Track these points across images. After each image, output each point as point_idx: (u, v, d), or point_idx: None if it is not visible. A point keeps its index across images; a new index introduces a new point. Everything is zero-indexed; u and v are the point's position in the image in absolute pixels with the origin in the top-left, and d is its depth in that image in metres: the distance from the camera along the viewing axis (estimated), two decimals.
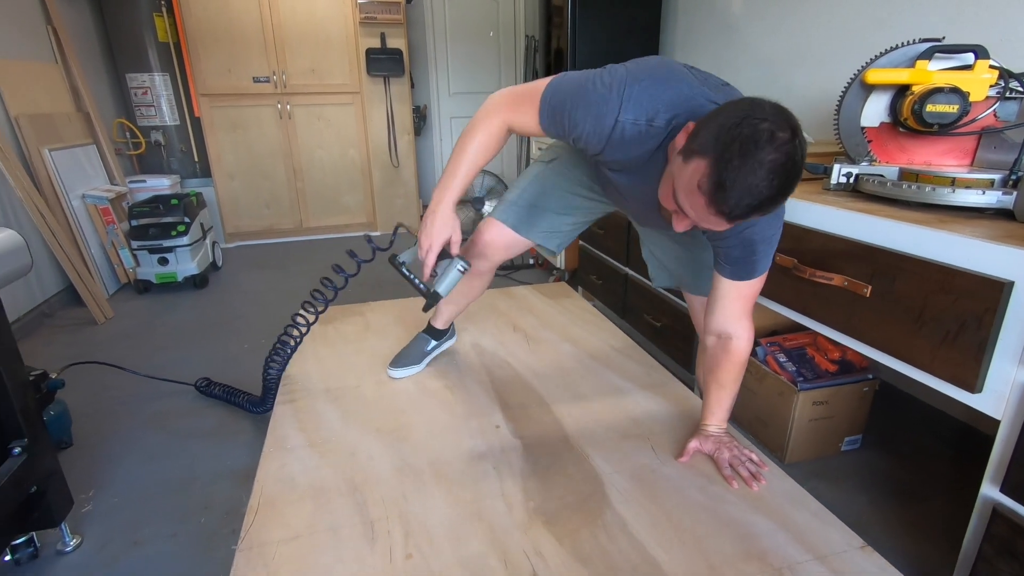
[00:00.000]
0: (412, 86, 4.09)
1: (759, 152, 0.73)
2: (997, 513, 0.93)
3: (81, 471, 1.56)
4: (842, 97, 1.29)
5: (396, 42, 3.84)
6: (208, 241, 3.31)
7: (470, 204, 3.94)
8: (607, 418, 1.30)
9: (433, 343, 1.54)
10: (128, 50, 3.51)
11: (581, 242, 2.56)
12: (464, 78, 4.50)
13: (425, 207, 4.53)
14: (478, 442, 1.23)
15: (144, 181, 3.40)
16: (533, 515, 1.00)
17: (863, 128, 1.29)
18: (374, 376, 1.52)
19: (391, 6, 3.71)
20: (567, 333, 1.77)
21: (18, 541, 1.25)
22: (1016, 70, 1.12)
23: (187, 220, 3.02)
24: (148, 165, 3.67)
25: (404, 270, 1.20)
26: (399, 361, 1.51)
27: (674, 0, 2.73)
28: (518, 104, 1.02)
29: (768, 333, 1.68)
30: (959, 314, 0.95)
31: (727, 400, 1.16)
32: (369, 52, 3.79)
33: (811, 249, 1.25)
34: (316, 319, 1.53)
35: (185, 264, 3.02)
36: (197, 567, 1.25)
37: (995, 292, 0.89)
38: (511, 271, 3.29)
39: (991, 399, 0.93)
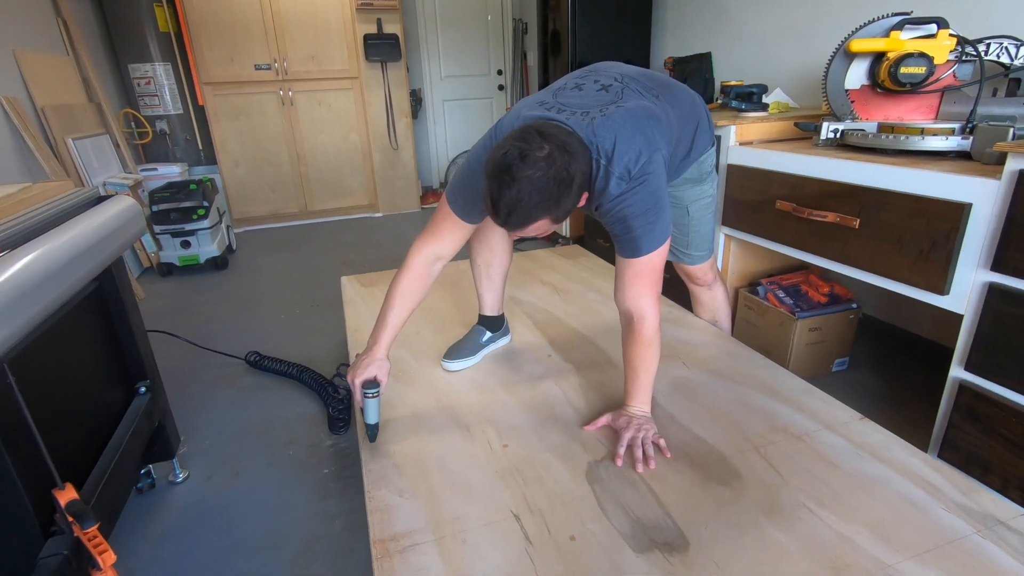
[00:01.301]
0: (407, 70, 4.23)
1: (512, 172, 0.91)
2: (963, 387, 1.19)
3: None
4: (828, 65, 1.53)
5: (392, 27, 3.97)
6: (224, 225, 3.43)
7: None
8: None
9: (488, 334, 1.52)
10: (129, 41, 3.57)
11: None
12: (455, 62, 4.65)
13: (424, 189, 4.70)
14: (536, 367, 1.44)
15: (156, 169, 3.49)
16: (598, 416, 1.22)
17: (847, 90, 1.53)
18: (430, 323, 1.71)
19: None
20: (591, 284, 1.99)
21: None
22: (971, 37, 1.36)
23: (206, 204, 3.14)
24: (154, 154, 3.75)
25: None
26: (453, 353, 1.47)
27: None
28: (429, 229, 1.21)
29: (766, 275, 1.93)
30: (931, 234, 1.20)
31: (643, 383, 1.15)
32: (367, 38, 3.92)
33: (807, 194, 1.49)
34: None
35: (206, 246, 3.15)
36: (295, 489, 1.45)
37: (958, 213, 1.14)
38: (518, 242, 3.49)
39: (956, 299, 1.19)
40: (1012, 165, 1.05)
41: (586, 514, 0.96)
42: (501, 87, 4.84)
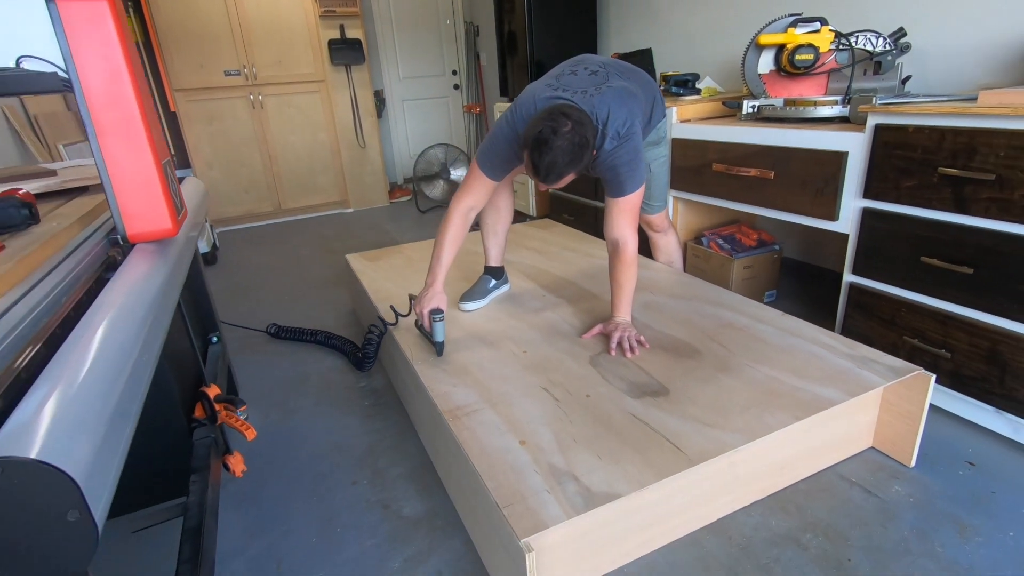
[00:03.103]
0: (370, 72, 4.48)
1: (549, 143, 1.29)
2: (852, 286, 1.63)
3: None
4: (745, 55, 1.95)
5: (354, 32, 4.22)
6: (207, 223, 3.59)
7: (439, 176, 4.42)
8: None
9: (493, 281, 1.86)
10: None
11: (549, 189, 3.15)
12: (413, 64, 4.93)
13: (391, 184, 4.96)
14: (536, 303, 1.79)
15: None
16: (592, 328, 1.58)
17: (760, 75, 1.96)
18: None
19: None
20: (565, 246, 2.36)
21: None
22: (845, 32, 1.81)
23: None
24: None
25: (422, 331, 1.59)
26: (467, 297, 1.80)
27: None
28: (465, 186, 1.59)
29: (708, 229, 2.36)
30: (823, 176, 1.63)
31: (626, 296, 1.50)
32: (331, 43, 4.15)
33: (734, 156, 1.91)
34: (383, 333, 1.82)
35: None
36: (344, 417, 1.73)
37: (839, 159, 1.58)
38: None
39: (844, 223, 1.62)
40: (871, 121, 1.49)
41: (594, 383, 1.32)
42: (456, 86, 5.16)
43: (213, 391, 1.15)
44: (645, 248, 2.10)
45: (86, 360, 0.46)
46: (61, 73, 0.83)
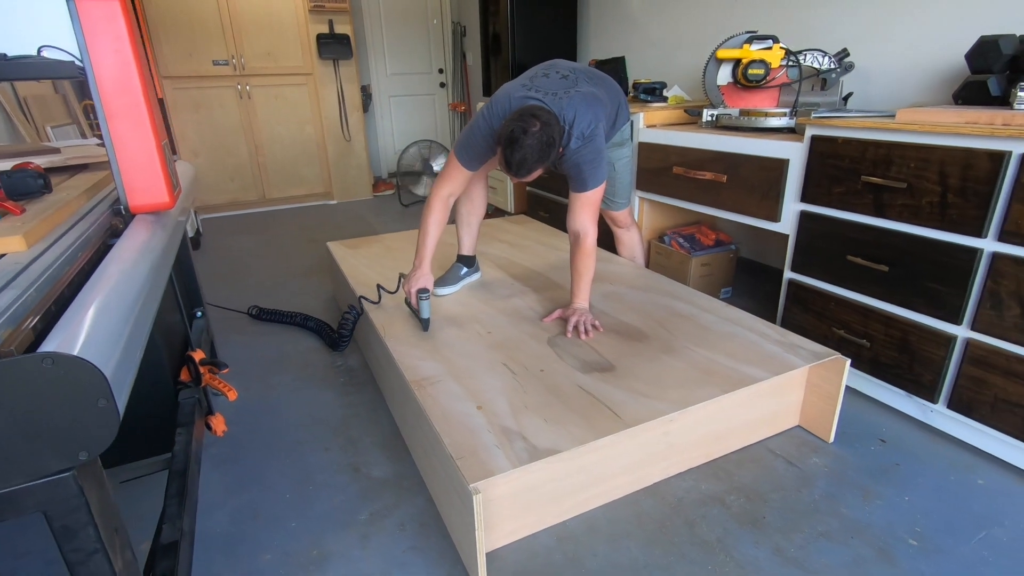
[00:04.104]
0: (358, 68, 4.57)
1: (519, 142, 1.44)
2: (791, 282, 1.79)
3: None
4: (706, 67, 2.11)
5: (343, 28, 4.31)
6: (192, 209, 3.66)
7: (423, 173, 4.53)
8: None
9: (465, 269, 1.99)
10: None
11: (529, 188, 3.29)
12: (400, 61, 5.03)
13: (376, 178, 5.07)
14: (504, 290, 1.93)
15: None
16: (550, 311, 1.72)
17: (719, 86, 2.11)
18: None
19: None
20: (538, 240, 2.50)
21: None
22: (795, 49, 1.97)
23: None
24: None
25: (410, 307, 1.75)
26: (440, 283, 1.91)
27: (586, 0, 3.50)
28: (444, 176, 1.73)
29: (671, 228, 2.51)
30: (768, 181, 1.79)
31: (585, 283, 1.64)
32: (319, 37, 4.24)
33: (693, 160, 2.06)
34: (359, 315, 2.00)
35: None
36: (321, 392, 1.84)
37: (782, 165, 1.73)
38: None
39: (785, 224, 1.78)
40: (808, 132, 1.65)
41: (549, 360, 1.46)
42: (442, 84, 5.27)
43: (198, 355, 1.26)
44: (610, 243, 2.25)
45: (109, 294, 0.58)
46: (77, 62, 0.94)
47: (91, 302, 0.55)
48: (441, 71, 5.23)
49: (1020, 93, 1.29)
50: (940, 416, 1.51)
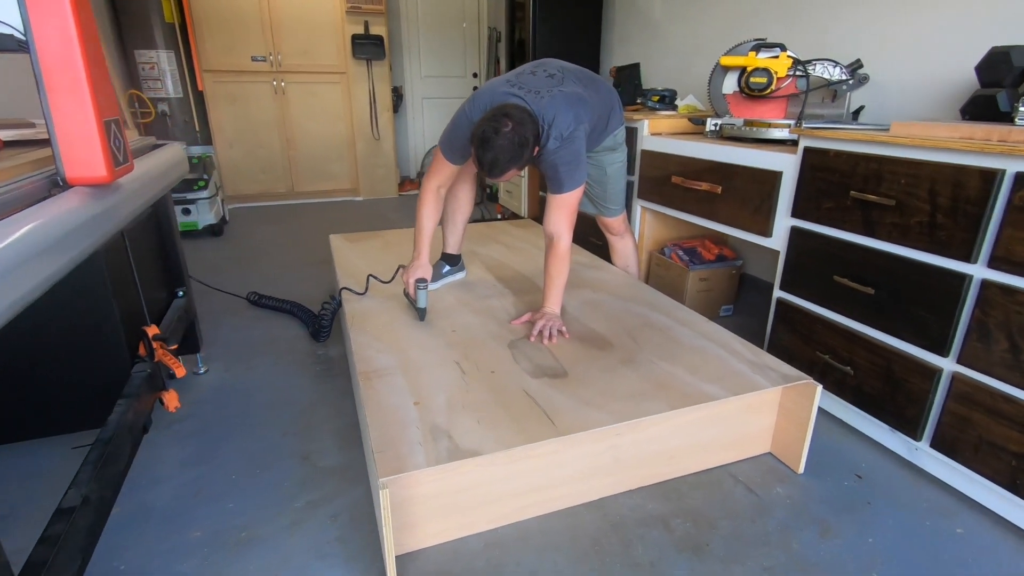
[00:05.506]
0: (391, 69, 4.67)
1: (490, 142, 1.42)
2: (780, 302, 1.69)
3: None
4: (711, 75, 2.03)
5: (378, 29, 4.41)
6: (219, 198, 3.81)
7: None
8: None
9: (447, 267, 1.98)
10: (136, 29, 3.93)
11: (542, 192, 3.26)
12: (434, 63, 5.11)
13: (403, 177, 5.15)
14: (485, 291, 1.90)
15: None
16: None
17: (724, 95, 2.03)
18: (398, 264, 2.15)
19: None
20: (537, 244, 2.47)
21: None
22: (804, 58, 1.88)
23: (206, 177, 3.53)
24: (155, 132, 4.10)
25: (408, 297, 1.76)
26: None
27: (611, 5, 3.45)
28: (432, 169, 1.74)
29: (674, 240, 2.43)
30: (760, 194, 1.70)
31: (556, 289, 1.62)
32: (354, 38, 4.35)
33: (691, 170, 1.99)
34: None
35: (204, 215, 3.53)
36: (296, 377, 1.87)
37: (774, 178, 1.65)
38: (479, 222, 3.95)
39: (776, 240, 1.69)
40: (802, 144, 1.56)
41: (503, 362, 1.42)
42: (476, 88, 5.31)
43: (152, 330, 1.30)
44: (604, 252, 2.19)
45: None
46: (18, 35, 0.99)
47: None
48: (476, 75, 5.27)
49: (1022, 108, 1.18)
50: (924, 455, 1.39)
